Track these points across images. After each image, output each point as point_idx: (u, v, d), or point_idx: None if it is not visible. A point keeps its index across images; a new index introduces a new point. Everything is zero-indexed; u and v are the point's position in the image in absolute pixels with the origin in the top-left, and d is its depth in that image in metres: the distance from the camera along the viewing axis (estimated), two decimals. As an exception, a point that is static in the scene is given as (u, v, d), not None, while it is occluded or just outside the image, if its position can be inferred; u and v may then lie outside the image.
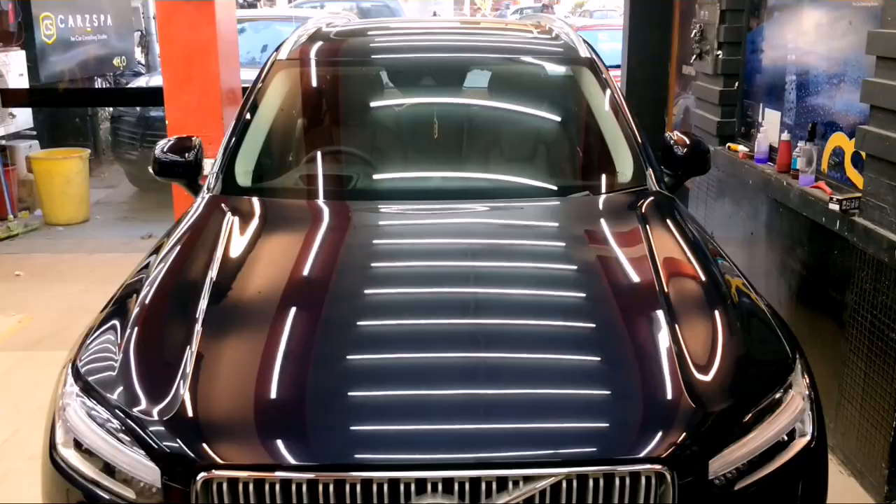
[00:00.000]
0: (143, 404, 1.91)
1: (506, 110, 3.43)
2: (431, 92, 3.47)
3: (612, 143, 3.14)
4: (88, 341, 2.19)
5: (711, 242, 2.71)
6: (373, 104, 3.45)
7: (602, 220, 2.79)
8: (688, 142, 3.14)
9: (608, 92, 3.27)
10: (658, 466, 1.75)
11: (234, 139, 3.11)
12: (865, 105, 3.25)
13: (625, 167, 3.04)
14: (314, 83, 3.43)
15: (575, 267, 2.51)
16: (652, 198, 2.88)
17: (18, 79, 7.37)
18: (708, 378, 1.96)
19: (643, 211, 2.78)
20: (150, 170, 3.22)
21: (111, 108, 8.53)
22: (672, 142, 3.15)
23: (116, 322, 2.22)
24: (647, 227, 2.62)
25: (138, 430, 1.86)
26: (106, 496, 1.87)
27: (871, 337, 3.20)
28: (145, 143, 7.61)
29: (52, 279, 5.72)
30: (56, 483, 1.96)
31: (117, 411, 1.91)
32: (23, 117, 7.53)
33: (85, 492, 1.90)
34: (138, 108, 7.77)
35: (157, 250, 2.63)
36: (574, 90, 3.41)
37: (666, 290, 2.24)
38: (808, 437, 1.99)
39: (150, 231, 6.66)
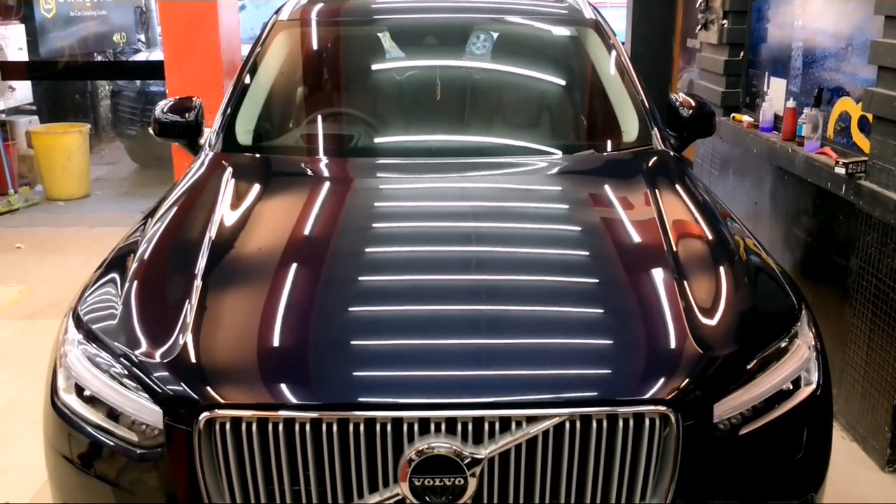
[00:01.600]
0: (146, 349, 1.90)
1: (510, 70, 3.40)
2: (434, 52, 3.44)
3: (618, 103, 3.12)
4: (88, 293, 2.18)
5: (719, 203, 2.69)
6: (375, 65, 3.42)
7: (607, 178, 2.77)
8: (693, 104, 3.12)
9: (613, 53, 3.24)
10: (662, 408, 1.74)
11: (235, 98, 3.09)
12: (872, 69, 3.23)
13: (630, 126, 3.02)
14: (315, 43, 3.40)
15: (580, 223, 2.49)
16: (658, 156, 2.86)
17: (18, 53, 7.34)
18: (713, 323, 1.95)
19: (649, 169, 2.76)
20: (151, 130, 3.20)
21: (111, 85, 8.49)
22: (677, 104, 3.13)
23: (116, 275, 2.21)
24: (653, 184, 2.60)
25: (141, 373, 1.85)
26: (108, 439, 1.87)
27: (875, 301, 3.18)
28: (145, 118, 7.57)
29: (52, 251, 5.71)
30: (58, 428, 1.96)
31: (120, 356, 1.90)
32: (22, 92, 7.50)
33: (87, 435, 1.89)
34: (138, 83, 7.74)
35: (156, 208, 2.61)
36: (579, 51, 3.38)
37: (672, 243, 2.23)
38: (813, 386, 1.98)
39: (152, 206, 6.65)
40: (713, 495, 1.83)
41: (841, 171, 3.32)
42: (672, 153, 2.93)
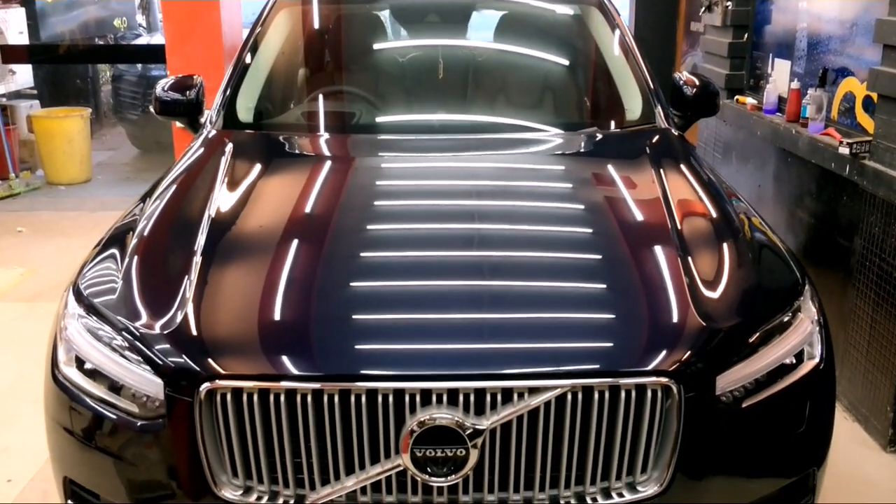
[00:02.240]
0: (147, 321, 1.89)
1: (513, 49, 3.38)
2: (437, 30, 3.42)
3: (621, 81, 3.11)
4: (87, 269, 2.18)
5: (724, 181, 2.68)
6: (376, 43, 3.40)
7: (610, 155, 2.76)
8: (697, 83, 3.10)
9: (617, 32, 3.23)
10: (664, 380, 1.73)
11: (236, 76, 3.07)
12: (878, 49, 3.20)
13: (634, 105, 3.01)
14: (316, 22, 3.38)
15: (583, 200, 2.47)
16: (661, 134, 2.85)
17: (18, 37, 7.31)
18: (716, 296, 1.94)
19: (652, 146, 2.75)
20: (152, 108, 3.18)
21: (112, 70, 8.46)
22: (681, 82, 3.11)
23: (115, 251, 2.21)
24: (656, 161, 2.58)
25: (141, 345, 1.84)
26: (109, 411, 1.86)
27: (878, 281, 3.17)
28: (147, 103, 7.55)
29: (54, 235, 5.71)
30: (58, 400, 1.95)
31: (120, 328, 1.90)
32: (23, 76, 7.48)
33: (87, 407, 1.89)
34: (139, 67, 7.71)
35: (155, 185, 2.60)
36: (582, 30, 3.36)
37: (675, 218, 2.22)
38: (816, 360, 1.97)
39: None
40: (715, 467, 1.83)
41: (845, 151, 3.30)
42: (675, 131, 2.92)
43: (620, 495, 1.77)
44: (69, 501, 2.00)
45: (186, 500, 1.80)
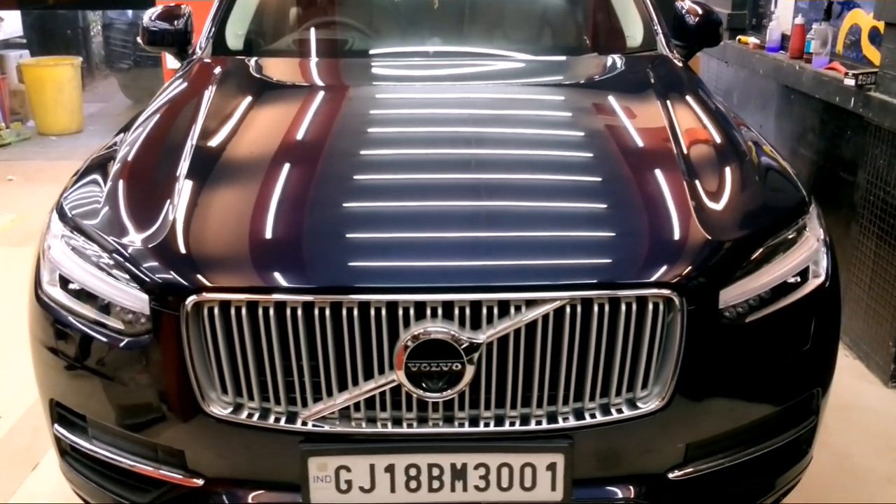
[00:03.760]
0: (132, 236, 1.83)
1: None
2: None
3: (621, 8, 3.02)
4: (69, 192, 2.12)
5: (727, 106, 2.61)
6: None
7: (611, 80, 2.68)
8: (700, 11, 3.00)
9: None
10: (666, 291, 1.67)
11: (225, 2, 2.97)
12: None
13: (634, 32, 2.93)
14: None
15: (584, 123, 2.40)
16: (662, 60, 2.77)
17: (5, -18, 7.14)
18: (720, 209, 1.89)
19: (654, 70, 2.67)
20: (139, 40, 3.09)
21: (102, 19, 8.28)
22: (683, 11, 3.02)
23: (97, 176, 2.14)
24: (657, 84, 2.52)
25: (127, 262, 1.78)
26: (93, 329, 1.81)
27: (882, 215, 3.12)
28: (138, 52, 7.42)
29: (44, 182, 5.64)
30: (42, 320, 1.90)
31: (105, 245, 1.84)
32: (12, 25, 7.33)
33: (71, 326, 1.84)
34: (130, 14, 7.54)
35: (139, 113, 2.52)
36: None
37: (677, 135, 2.16)
38: (822, 278, 1.92)
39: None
40: (717, 384, 1.78)
41: (850, 82, 3.22)
42: (678, 60, 2.84)
43: (620, 411, 1.73)
44: (56, 425, 1.96)
45: (175, 417, 1.76)
